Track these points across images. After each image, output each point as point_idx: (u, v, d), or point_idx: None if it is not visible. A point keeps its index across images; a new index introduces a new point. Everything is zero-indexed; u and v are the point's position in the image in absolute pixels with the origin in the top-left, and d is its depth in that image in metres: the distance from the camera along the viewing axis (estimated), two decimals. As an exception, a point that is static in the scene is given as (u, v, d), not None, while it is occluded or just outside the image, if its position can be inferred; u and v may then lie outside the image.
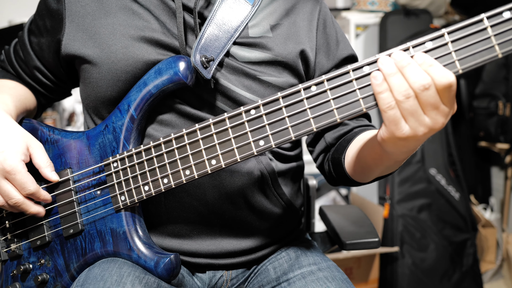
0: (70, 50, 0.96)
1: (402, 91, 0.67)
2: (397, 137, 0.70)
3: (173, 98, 0.93)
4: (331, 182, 1.05)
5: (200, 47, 0.90)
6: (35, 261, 0.96)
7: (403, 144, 0.71)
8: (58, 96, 1.14)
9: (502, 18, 0.65)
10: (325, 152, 1.04)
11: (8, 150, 0.87)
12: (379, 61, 0.69)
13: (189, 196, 0.93)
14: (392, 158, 0.78)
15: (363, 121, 1.03)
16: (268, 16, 0.99)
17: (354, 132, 0.98)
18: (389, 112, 0.68)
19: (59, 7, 0.98)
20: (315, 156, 1.07)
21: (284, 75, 0.97)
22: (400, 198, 2.42)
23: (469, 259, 2.45)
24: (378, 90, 0.69)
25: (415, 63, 0.67)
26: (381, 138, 0.73)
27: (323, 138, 1.03)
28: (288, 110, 0.77)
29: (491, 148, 2.83)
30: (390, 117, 0.69)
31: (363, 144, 0.86)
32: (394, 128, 0.69)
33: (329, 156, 1.01)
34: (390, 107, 0.68)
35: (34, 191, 0.89)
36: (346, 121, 1.01)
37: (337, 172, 0.97)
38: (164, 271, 0.86)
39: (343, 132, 1.00)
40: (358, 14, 2.78)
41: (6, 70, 1.10)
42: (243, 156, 0.80)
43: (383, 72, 0.69)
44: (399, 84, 0.67)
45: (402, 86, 0.67)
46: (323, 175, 1.07)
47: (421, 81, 0.66)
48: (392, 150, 0.74)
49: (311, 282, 0.93)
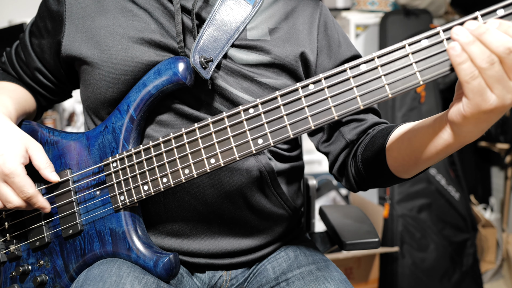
0: (70, 51, 0.96)
1: (485, 58, 0.63)
2: (483, 110, 0.65)
3: (172, 99, 0.93)
4: (355, 185, 0.99)
5: (199, 48, 0.90)
6: (34, 262, 0.96)
7: (485, 119, 0.67)
8: (59, 98, 1.14)
9: (495, 15, 0.66)
10: (346, 150, 0.99)
11: (7, 153, 0.87)
12: (453, 32, 0.66)
13: (188, 195, 0.93)
14: (462, 140, 0.73)
15: (375, 117, 1.00)
16: (267, 19, 0.99)
17: (384, 127, 0.93)
18: (473, 83, 0.64)
19: (59, 8, 0.98)
20: (334, 157, 1.01)
21: (282, 78, 0.97)
22: (400, 198, 2.42)
23: (469, 259, 2.45)
24: (458, 60, 0.64)
25: (492, 28, 0.64)
26: (462, 116, 0.67)
27: (340, 135, 0.99)
28: (286, 109, 0.77)
29: (491, 148, 2.83)
30: (474, 88, 0.64)
31: (415, 133, 0.80)
32: (479, 100, 0.65)
33: (358, 154, 0.95)
34: (473, 76, 0.64)
35: (32, 194, 0.88)
36: (362, 116, 0.98)
37: (372, 170, 0.91)
38: (163, 270, 0.86)
39: (364, 127, 0.97)
40: (358, 14, 2.78)
41: (7, 72, 1.10)
42: (241, 155, 0.81)
43: (461, 42, 0.64)
44: (481, 51, 0.63)
45: (484, 53, 0.63)
46: (343, 179, 1.02)
47: (506, 44, 0.62)
48: (470, 129, 0.70)
49: (309, 282, 0.93)
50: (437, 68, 0.69)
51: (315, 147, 1.06)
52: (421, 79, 0.69)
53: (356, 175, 0.97)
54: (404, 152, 0.83)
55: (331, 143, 1.01)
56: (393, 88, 0.71)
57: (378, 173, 0.91)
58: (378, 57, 0.71)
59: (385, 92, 0.71)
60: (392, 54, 0.71)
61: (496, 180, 2.98)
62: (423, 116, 2.41)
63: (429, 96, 2.53)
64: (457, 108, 0.68)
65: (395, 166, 0.86)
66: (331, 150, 1.02)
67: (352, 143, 0.98)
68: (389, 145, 0.86)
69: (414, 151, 0.80)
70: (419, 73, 0.69)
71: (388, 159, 0.86)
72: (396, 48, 0.70)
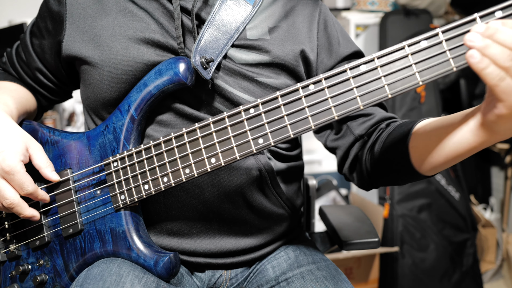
0: (70, 51, 0.96)
1: (506, 57, 0.62)
2: None
3: (172, 99, 0.93)
4: (367, 181, 0.97)
5: (200, 48, 0.90)
6: (34, 262, 0.96)
7: None
8: (59, 98, 1.14)
9: (494, 17, 0.66)
10: (355, 145, 0.98)
11: (7, 150, 0.87)
12: (467, 40, 0.65)
13: (188, 195, 0.94)
14: (499, 138, 0.71)
15: (383, 111, 1.00)
16: (266, 18, 0.99)
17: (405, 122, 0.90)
18: (502, 84, 0.63)
19: (60, 9, 0.99)
20: (343, 153, 1.00)
21: (282, 77, 0.98)
22: (400, 198, 2.42)
23: (469, 259, 2.45)
24: (481, 66, 0.63)
25: (500, 26, 0.63)
26: (499, 117, 0.66)
27: (348, 130, 0.99)
28: (286, 109, 0.78)
29: (491, 148, 2.83)
30: (505, 89, 0.63)
31: (452, 130, 0.76)
32: None
33: (376, 150, 0.92)
34: (501, 78, 0.63)
35: (33, 191, 0.89)
36: (370, 111, 0.98)
37: (392, 165, 0.89)
38: (164, 270, 0.86)
39: (373, 122, 0.96)
40: (358, 14, 2.78)
41: (8, 72, 1.11)
42: (242, 154, 0.81)
43: (477, 47, 0.64)
44: (501, 52, 0.63)
45: (505, 52, 0.63)
46: (352, 175, 1.00)
47: None
48: (506, 127, 0.68)
49: (309, 281, 0.93)
50: (436, 69, 0.69)
51: (323, 144, 1.05)
52: (421, 79, 0.70)
53: (372, 171, 0.94)
54: (432, 149, 0.79)
55: (339, 138, 1.01)
56: (392, 89, 0.71)
57: (397, 170, 0.89)
58: (378, 58, 0.72)
59: (385, 93, 0.72)
60: (391, 55, 0.71)
61: (496, 180, 2.98)
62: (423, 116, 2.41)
63: (429, 96, 2.53)
64: (492, 110, 0.67)
65: (420, 163, 0.83)
66: (339, 145, 1.01)
67: (361, 138, 0.97)
68: (414, 143, 0.83)
69: (443, 148, 0.77)
70: (419, 73, 0.70)
71: (412, 157, 0.83)
72: (395, 49, 0.71)
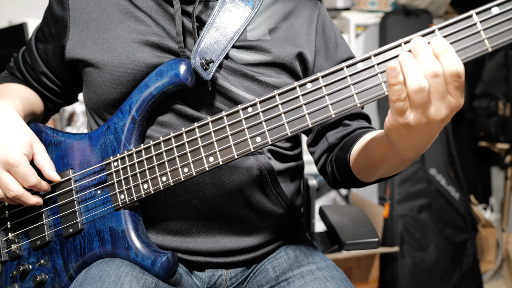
0: (73, 54, 0.98)
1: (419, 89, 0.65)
2: (401, 123, 0.68)
3: (173, 100, 0.94)
4: (333, 184, 1.04)
5: (200, 50, 0.92)
6: (34, 262, 0.97)
7: (406, 133, 0.70)
8: (65, 101, 1.17)
9: (490, 13, 0.66)
10: (328, 152, 1.03)
11: (12, 144, 0.89)
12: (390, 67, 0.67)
13: (189, 194, 0.94)
14: (398, 153, 0.77)
15: (364, 123, 1.03)
16: (266, 20, 1.00)
17: (359, 132, 0.97)
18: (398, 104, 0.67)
19: (63, 14, 1.00)
20: (317, 157, 1.06)
21: (282, 76, 0.99)
22: (400, 198, 2.42)
23: (469, 259, 2.45)
24: (393, 81, 0.67)
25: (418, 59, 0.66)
26: (386, 127, 0.72)
27: (325, 138, 1.03)
28: (284, 107, 0.78)
29: (491, 148, 2.83)
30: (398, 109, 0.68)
31: (370, 140, 0.86)
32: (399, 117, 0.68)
33: (333, 156, 1.00)
34: None
35: (36, 182, 0.91)
36: (348, 122, 1.01)
37: (341, 171, 0.96)
38: (161, 269, 0.86)
39: (346, 132, 1.00)
40: (358, 14, 2.79)
41: (15, 76, 1.13)
42: (240, 153, 0.81)
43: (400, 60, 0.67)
44: (417, 78, 0.65)
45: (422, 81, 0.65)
46: (324, 177, 1.06)
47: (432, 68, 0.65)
48: (400, 141, 0.72)
49: (310, 281, 0.93)
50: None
51: (306, 145, 1.10)
52: None
53: (332, 176, 1.01)
54: (361, 158, 0.89)
55: (316, 143, 1.05)
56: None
57: (345, 175, 0.96)
58: (374, 56, 0.72)
59: (382, 90, 0.72)
60: (388, 52, 0.71)
61: (496, 180, 2.98)
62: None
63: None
64: (386, 119, 0.72)
65: (356, 171, 0.92)
66: (316, 150, 1.06)
67: (334, 146, 1.01)
68: (352, 152, 0.92)
69: (366, 156, 0.87)
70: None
71: (351, 164, 0.92)
72: (392, 47, 0.71)
